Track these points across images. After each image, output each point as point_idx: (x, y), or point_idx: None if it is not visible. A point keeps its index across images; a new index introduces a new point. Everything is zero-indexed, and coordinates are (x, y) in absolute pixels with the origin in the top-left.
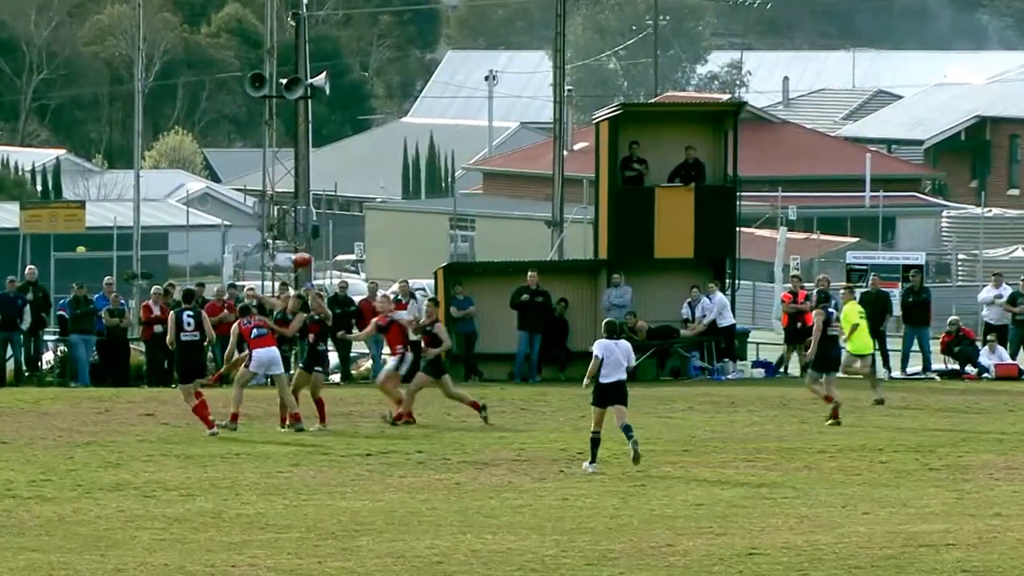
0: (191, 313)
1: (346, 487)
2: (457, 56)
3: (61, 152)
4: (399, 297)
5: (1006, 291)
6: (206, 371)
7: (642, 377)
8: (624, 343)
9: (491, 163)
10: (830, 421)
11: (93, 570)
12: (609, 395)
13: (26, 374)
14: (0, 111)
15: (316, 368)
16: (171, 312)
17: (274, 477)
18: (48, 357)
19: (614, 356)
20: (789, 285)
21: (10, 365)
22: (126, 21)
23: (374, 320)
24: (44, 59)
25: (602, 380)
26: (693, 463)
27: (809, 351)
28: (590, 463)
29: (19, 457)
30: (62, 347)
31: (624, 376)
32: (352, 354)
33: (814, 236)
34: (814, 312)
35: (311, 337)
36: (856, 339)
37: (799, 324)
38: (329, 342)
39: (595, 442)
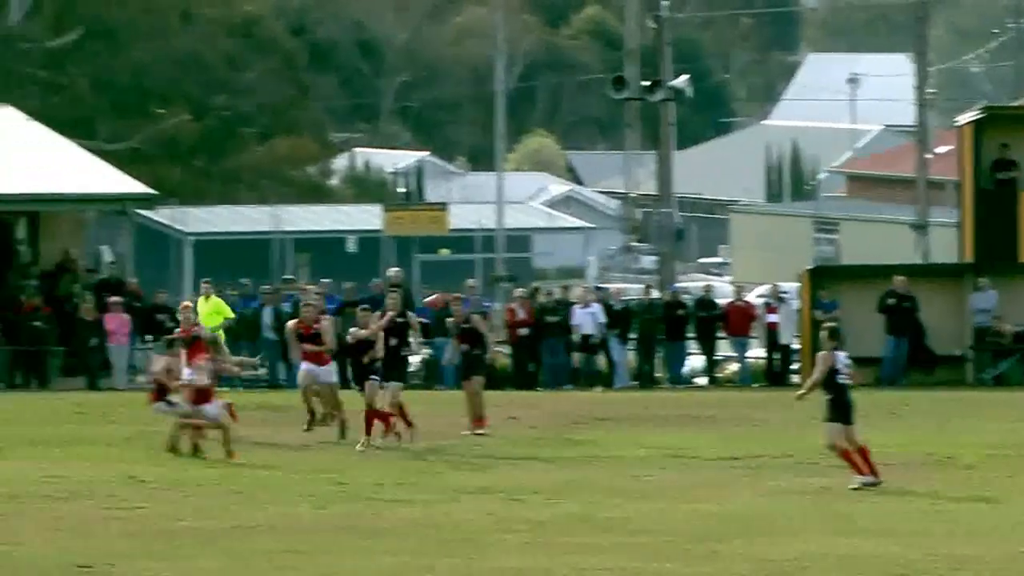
0: None
1: (713, 490)
2: (818, 58)
3: (423, 154)
4: (769, 300)
5: None
6: None
7: (1011, 381)
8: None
9: (854, 166)
10: None
11: (460, 574)
12: None
13: None
14: (361, 113)
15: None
16: None
17: (640, 481)
18: (414, 360)
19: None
20: None
21: None
22: (486, 23)
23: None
24: (405, 61)
25: None
26: None
27: None
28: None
29: (386, 460)
30: (428, 350)
31: None
32: (716, 357)
33: None
34: None
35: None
36: None
37: None
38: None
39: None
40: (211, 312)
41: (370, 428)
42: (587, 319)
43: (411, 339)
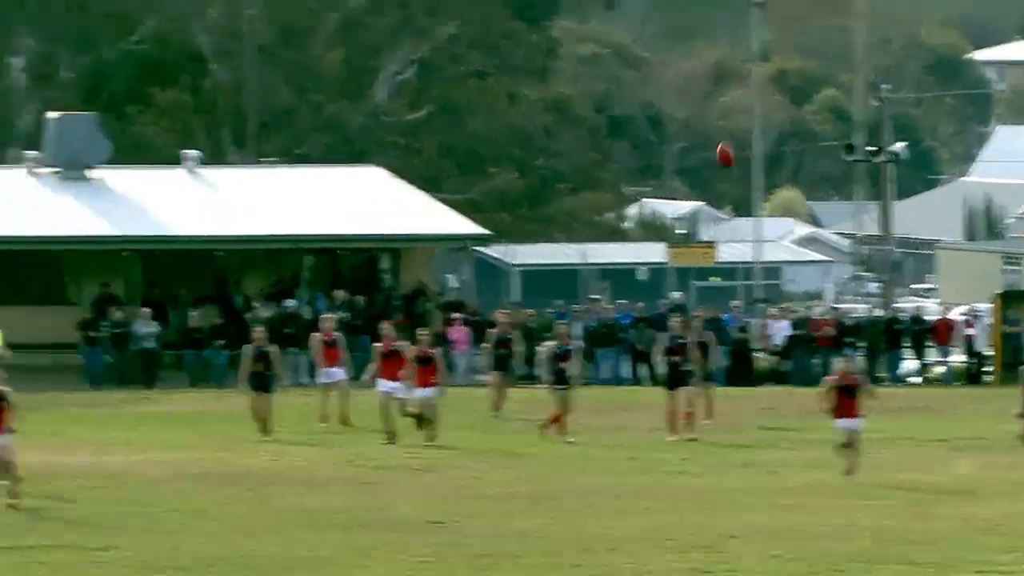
0: None
1: (926, 464)
2: (1006, 130)
3: (698, 204)
4: (968, 317)
5: None
6: None
7: None
8: None
9: None
10: None
11: (729, 529)
12: None
13: None
14: (649, 172)
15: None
16: None
17: (870, 457)
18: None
19: None
20: None
21: None
22: (747, 102)
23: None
24: (683, 131)
25: None
26: None
27: None
28: None
29: (670, 442)
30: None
31: None
32: (926, 361)
33: None
34: None
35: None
36: None
37: None
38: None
39: None
40: None
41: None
42: (778, 331)
43: (696, 360)
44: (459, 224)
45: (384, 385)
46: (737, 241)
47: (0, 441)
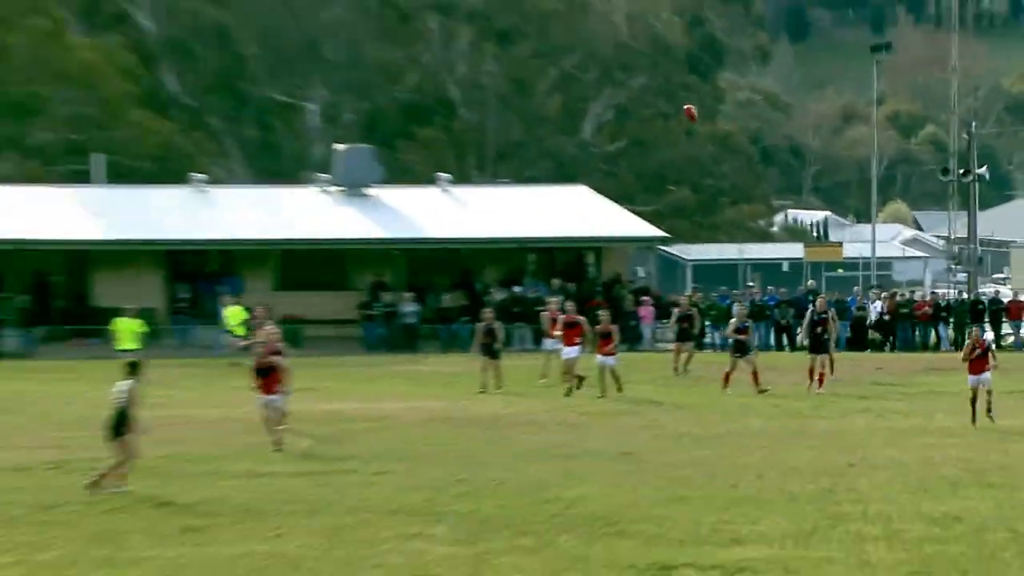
0: None
1: (1004, 411)
2: None
3: (827, 213)
4: None
5: None
6: None
7: None
8: None
9: None
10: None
11: (846, 461)
12: None
13: None
14: (791, 189)
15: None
16: None
17: (958, 405)
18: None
19: None
20: None
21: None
22: (866, 136)
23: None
24: (817, 158)
25: None
26: None
27: None
28: None
29: (806, 394)
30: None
31: None
32: (1002, 332)
33: None
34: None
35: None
36: None
37: None
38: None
39: None
40: (236, 315)
41: (816, 380)
42: (873, 310)
43: (831, 331)
44: (646, 229)
45: (567, 350)
46: (858, 241)
47: (274, 400)
